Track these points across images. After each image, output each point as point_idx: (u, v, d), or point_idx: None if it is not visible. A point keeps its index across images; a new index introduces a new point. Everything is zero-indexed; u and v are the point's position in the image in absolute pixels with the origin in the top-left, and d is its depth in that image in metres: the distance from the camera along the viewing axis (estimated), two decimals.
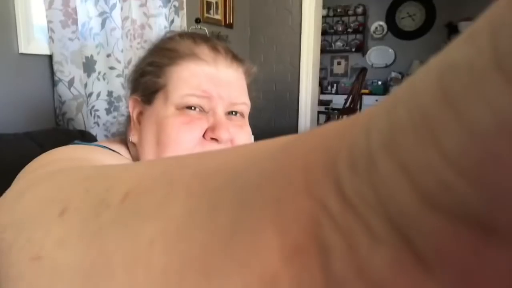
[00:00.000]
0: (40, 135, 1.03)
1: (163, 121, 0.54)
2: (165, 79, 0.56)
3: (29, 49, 1.34)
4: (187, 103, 0.55)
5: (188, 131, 0.54)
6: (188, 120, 0.54)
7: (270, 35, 3.05)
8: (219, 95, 0.56)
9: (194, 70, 0.55)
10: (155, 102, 0.57)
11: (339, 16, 6.07)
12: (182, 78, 0.55)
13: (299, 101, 3.04)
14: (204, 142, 0.55)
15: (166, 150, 0.54)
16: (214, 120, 0.56)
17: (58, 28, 1.35)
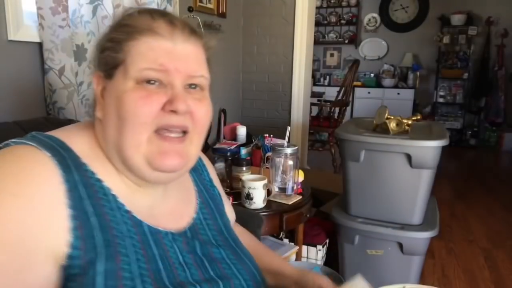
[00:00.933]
0: (30, 124, 1.02)
1: (122, 95, 0.56)
2: (124, 54, 0.57)
3: (18, 36, 1.32)
4: (145, 77, 0.56)
5: (146, 105, 0.56)
6: (146, 95, 0.56)
7: (263, 26, 3.03)
8: (176, 68, 0.57)
9: (152, 44, 0.57)
10: (116, 77, 0.58)
11: (332, 7, 6.05)
12: (140, 53, 0.57)
13: (292, 93, 3.03)
14: (164, 114, 0.57)
15: (126, 124, 0.56)
16: (172, 93, 0.57)
17: (48, 15, 1.33)
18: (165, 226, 0.63)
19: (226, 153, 1.67)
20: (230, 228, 0.77)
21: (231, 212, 0.87)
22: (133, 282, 0.53)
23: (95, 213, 0.55)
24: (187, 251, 0.64)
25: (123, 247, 0.55)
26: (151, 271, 0.56)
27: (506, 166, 4.75)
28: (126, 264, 0.54)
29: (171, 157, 0.59)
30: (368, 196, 1.70)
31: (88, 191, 0.56)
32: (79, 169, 0.57)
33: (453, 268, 2.20)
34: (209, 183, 0.81)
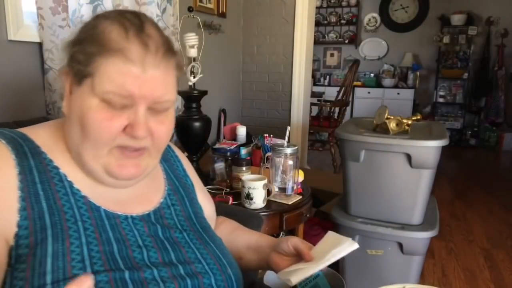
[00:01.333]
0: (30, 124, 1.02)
1: (87, 112, 0.58)
2: (92, 69, 0.58)
3: (18, 36, 1.32)
4: (110, 100, 0.57)
5: (107, 128, 0.58)
6: (109, 117, 0.58)
7: (263, 26, 3.04)
8: (142, 95, 0.58)
9: (120, 68, 0.57)
10: (83, 86, 0.60)
11: (332, 7, 6.05)
12: (108, 74, 0.57)
13: (292, 93, 3.03)
14: (123, 135, 0.60)
15: (87, 139, 0.60)
16: (134, 118, 0.59)
17: (48, 15, 1.33)
18: (127, 210, 0.67)
19: (226, 153, 1.67)
20: (200, 216, 0.79)
21: (208, 202, 0.89)
22: (82, 263, 0.56)
23: (47, 197, 0.59)
24: (148, 234, 0.67)
25: (74, 231, 0.58)
26: (103, 253, 0.59)
27: (506, 166, 4.74)
28: (76, 246, 0.57)
29: (128, 168, 0.63)
30: (368, 196, 1.70)
31: (43, 176, 0.60)
32: (36, 157, 0.61)
33: (453, 268, 2.20)
34: (182, 173, 0.84)
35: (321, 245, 0.75)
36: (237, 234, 0.89)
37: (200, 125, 1.61)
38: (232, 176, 1.56)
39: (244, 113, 3.23)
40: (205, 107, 1.70)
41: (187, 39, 1.57)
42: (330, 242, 0.75)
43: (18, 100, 1.34)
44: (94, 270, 0.57)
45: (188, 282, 0.65)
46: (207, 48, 1.98)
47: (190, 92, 1.61)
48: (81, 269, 0.56)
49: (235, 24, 2.99)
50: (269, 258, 0.79)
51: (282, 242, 0.77)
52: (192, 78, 1.58)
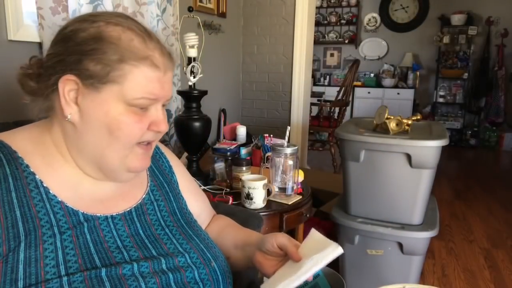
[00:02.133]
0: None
1: (118, 117, 0.62)
2: (119, 76, 0.60)
3: (18, 36, 1.32)
4: (140, 104, 0.63)
5: (139, 129, 0.64)
6: (139, 119, 0.63)
7: (263, 26, 3.04)
8: (163, 96, 0.65)
9: (150, 76, 0.62)
10: (105, 91, 0.61)
11: (332, 7, 6.05)
12: (138, 82, 0.61)
13: (292, 93, 3.03)
14: (147, 132, 0.66)
15: (117, 141, 0.63)
16: (156, 116, 0.66)
17: (48, 14, 1.33)
18: (108, 210, 0.68)
19: (226, 153, 1.67)
20: (185, 211, 0.80)
21: (195, 199, 0.88)
22: (56, 268, 0.57)
23: (21, 205, 0.59)
24: (128, 235, 0.68)
25: (48, 236, 0.59)
26: (80, 256, 0.60)
27: (506, 166, 4.74)
28: (50, 251, 0.58)
29: (145, 160, 0.69)
30: (368, 196, 1.70)
31: (18, 183, 0.61)
32: (12, 163, 0.61)
33: (453, 268, 2.20)
34: (167, 169, 0.85)
35: (305, 245, 0.72)
36: (226, 232, 0.88)
37: (200, 125, 1.61)
38: (232, 176, 1.56)
39: (244, 113, 3.23)
40: (205, 107, 1.70)
41: (187, 39, 1.57)
42: (314, 244, 0.71)
43: (18, 101, 1.34)
44: (68, 272, 0.57)
45: (170, 276, 0.65)
46: (207, 48, 1.98)
47: (190, 92, 1.61)
48: (55, 274, 0.56)
49: (235, 24, 2.99)
50: (253, 258, 0.76)
51: (266, 241, 0.74)
52: (192, 78, 1.58)
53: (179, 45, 1.86)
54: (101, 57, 0.60)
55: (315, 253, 0.67)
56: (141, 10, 1.67)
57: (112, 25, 0.62)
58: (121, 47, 0.60)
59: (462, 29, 5.26)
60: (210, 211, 0.95)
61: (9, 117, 1.19)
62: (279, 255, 0.73)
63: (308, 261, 0.67)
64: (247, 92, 3.19)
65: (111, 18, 0.63)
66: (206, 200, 0.94)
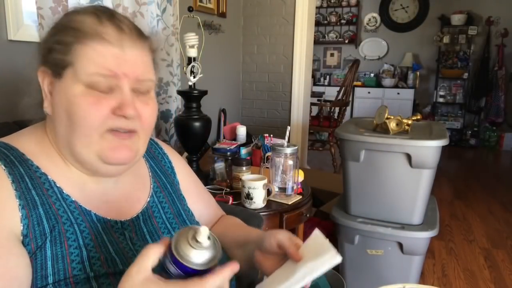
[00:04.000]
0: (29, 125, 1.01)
1: (72, 99, 0.59)
2: (72, 57, 0.60)
3: (18, 36, 1.32)
4: (94, 81, 0.59)
5: (95, 111, 0.59)
6: (95, 100, 0.59)
7: (263, 26, 3.03)
8: (124, 73, 0.60)
9: (100, 50, 0.59)
10: (64, 77, 0.60)
11: (332, 7, 6.05)
12: (89, 57, 0.59)
13: (292, 92, 3.03)
14: (113, 117, 0.60)
15: (76, 127, 0.60)
16: (121, 98, 0.60)
17: (48, 14, 1.33)
18: (116, 214, 0.67)
19: (226, 153, 1.67)
20: (188, 213, 0.80)
21: (202, 198, 0.88)
22: (82, 265, 0.57)
23: (42, 203, 0.59)
24: (136, 240, 0.67)
25: (71, 233, 0.59)
26: (102, 253, 0.60)
27: (506, 166, 4.74)
28: (75, 248, 0.58)
29: (121, 151, 0.63)
30: (368, 196, 1.70)
31: (34, 182, 0.60)
32: (23, 164, 0.61)
33: (453, 268, 2.20)
34: (170, 169, 0.84)
35: (306, 247, 0.67)
36: (229, 231, 0.85)
37: (200, 125, 1.61)
38: (232, 176, 1.56)
39: (244, 113, 3.23)
40: (205, 107, 1.70)
41: (187, 39, 1.57)
42: (315, 247, 0.66)
43: (18, 100, 1.34)
44: (93, 270, 0.58)
45: None
46: (207, 48, 1.98)
47: (190, 92, 1.61)
48: (81, 270, 0.57)
49: (235, 24, 2.99)
50: (253, 257, 0.72)
51: (265, 239, 0.69)
52: (192, 78, 1.58)
53: (179, 45, 1.86)
54: (61, 40, 0.61)
55: (313, 259, 0.63)
56: (141, 10, 1.67)
57: (76, 13, 0.63)
58: (74, 29, 0.60)
59: (462, 29, 5.26)
60: (214, 212, 0.92)
61: (9, 117, 1.19)
62: (279, 254, 0.69)
63: (303, 268, 0.63)
64: (247, 92, 3.19)
65: (82, 7, 0.64)
66: (210, 202, 0.92)
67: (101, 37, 0.59)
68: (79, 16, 0.62)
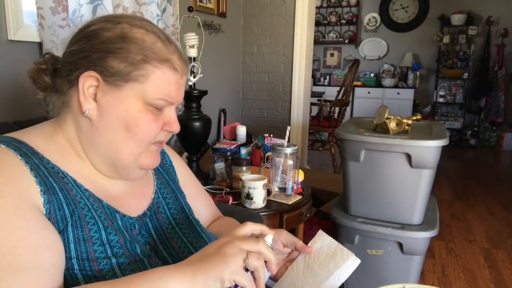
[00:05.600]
0: (30, 124, 1.02)
1: (136, 114, 0.64)
2: (142, 76, 0.62)
3: (18, 36, 1.32)
4: (157, 104, 0.65)
5: (155, 127, 0.66)
6: (155, 118, 0.65)
7: (263, 26, 3.03)
8: (178, 99, 0.68)
9: (169, 78, 0.65)
10: (126, 89, 0.63)
11: (332, 7, 6.05)
12: (159, 82, 0.64)
13: (292, 92, 3.03)
14: (161, 132, 0.68)
15: (134, 138, 0.65)
16: (169, 117, 0.68)
17: (48, 14, 1.33)
18: (125, 210, 0.69)
19: (226, 153, 1.67)
20: (189, 209, 0.82)
21: (200, 197, 0.90)
22: (103, 247, 0.60)
23: (60, 189, 0.61)
24: (141, 236, 0.70)
25: (90, 217, 0.62)
26: (121, 237, 0.63)
27: (506, 166, 4.74)
28: (95, 232, 0.61)
29: (157, 158, 0.71)
30: (368, 196, 1.70)
31: (49, 171, 0.62)
32: (35, 156, 0.62)
33: (453, 268, 2.20)
34: (171, 168, 0.87)
35: (315, 247, 0.69)
36: (224, 230, 0.87)
37: (200, 125, 1.61)
38: (232, 176, 1.56)
39: (244, 113, 3.23)
40: (205, 107, 1.70)
41: (187, 39, 1.57)
42: (326, 249, 0.68)
43: (18, 100, 1.34)
44: (114, 253, 0.60)
45: None
46: (207, 48, 1.98)
47: (190, 92, 1.61)
48: (102, 253, 0.60)
49: (235, 24, 2.99)
50: None
51: None
52: (192, 78, 1.58)
53: (179, 45, 1.86)
54: (126, 56, 0.62)
55: (330, 262, 0.66)
56: (141, 10, 1.67)
57: (136, 27, 0.64)
58: (145, 48, 0.63)
59: (462, 29, 5.26)
60: (212, 212, 0.94)
61: (9, 117, 1.19)
62: (282, 253, 0.73)
63: (324, 271, 0.65)
64: (247, 92, 3.19)
65: (134, 20, 0.66)
66: (208, 201, 0.94)
67: (171, 64, 0.64)
68: (142, 33, 0.64)
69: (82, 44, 0.64)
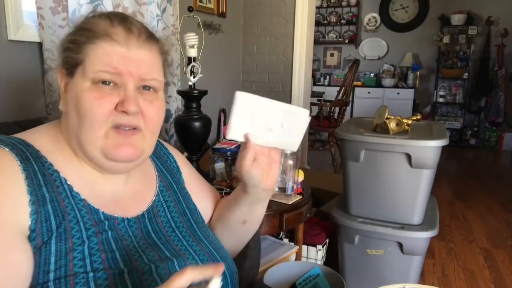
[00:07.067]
0: (30, 125, 1.02)
1: (80, 94, 0.63)
2: (83, 55, 0.64)
3: (18, 36, 1.32)
4: (100, 78, 0.62)
5: (99, 105, 0.62)
6: (100, 95, 0.62)
7: (263, 26, 3.03)
8: (129, 72, 0.63)
9: (107, 49, 0.63)
10: (75, 75, 0.64)
11: (332, 7, 6.05)
12: (97, 56, 0.63)
13: (292, 92, 3.03)
14: (116, 114, 0.63)
15: (83, 121, 0.63)
16: (124, 94, 0.63)
17: (48, 14, 1.33)
18: (124, 211, 0.69)
19: (226, 153, 1.67)
20: (194, 211, 0.81)
21: (202, 197, 0.89)
22: (83, 261, 0.59)
23: (51, 199, 0.61)
24: (141, 237, 0.69)
25: (76, 231, 0.61)
26: (103, 251, 0.62)
27: (506, 166, 4.74)
28: (78, 245, 0.60)
29: (125, 148, 0.65)
30: (368, 196, 1.70)
31: (46, 179, 0.62)
32: (38, 161, 0.63)
33: (453, 268, 2.20)
34: (175, 169, 0.86)
35: None
36: (223, 210, 0.88)
37: (200, 125, 1.61)
38: (232, 176, 1.56)
39: None
40: (205, 107, 1.70)
41: (187, 39, 1.57)
42: None
43: (18, 100, 1.34)
44: (94, 268, 0.59)
45: None
46: (207, 48, 1.98)
47: (190, 92, 1.61)
48: (82, 267, 0.59)
49: (235, 24, 2.99)
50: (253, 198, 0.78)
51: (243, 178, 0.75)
52: (192, 78, 1.58)
53: (179, 45, 1.86)
54: (74, 40, 0.65)
55: None
56: (141, 10, 1.67)
57: (92, 17, 0.67)
58: (87, 29, 0.64)
59: (462, 29, 5.26)
60: (216, 202, 0.93)
61: (9, 117, 1.19)
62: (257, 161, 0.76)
63: None
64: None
65: (100, 12, 0.69)
66: (213, 195, 0.93)
67: (110, 37, 0.63)
68: (94, 18, 0.66)
69: None
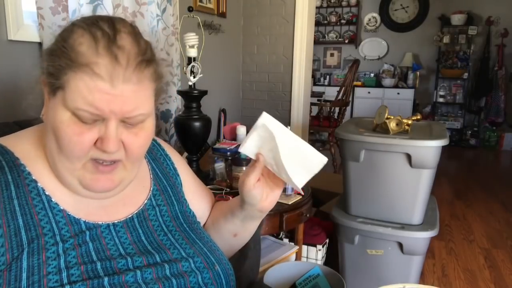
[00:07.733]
0: (30, 125, 1.01)
1: (59, 125, 0.58)
2: (63, 82, 0.57)
3: (18, 36, 1.32)
4: (80, 116, 0.57)
5: (78, 143, 0.58)
6: (79, 132, 0.57)
7: (263, 26, 3.03)
8: (111, 111, 0.57)
9: (89, 83, 0.55)
10: (56, 97, 0.59)
11: (332, 7, 6.05)
12: (77, 89, 0.56)
13: (292, 92, 3.03)
14: (96, 149, 0.59)
15: (61, 151, 0.60)
16: (104, 132, 0.58)
17: (48, 14, 1.33)
18: (110, 217, 0.67)
19: (226, 153, 1.67)
20: (188, 214, 0.79)
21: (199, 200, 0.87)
22: (59, 275, 0.57)
23: (23, 213, 0.59)
24: (130, 242, 0.67)
25: (51, 244, 0.58)
26: (82, 264, 0.59)
27: (506, 166, 4.74)
28: (53, 259, 0.57)
29: (102, 182, 0.62)
30: (368, 196, 1.70)
31: (20, 191, 0.60)
32: (14, 170, 0.60)
33: (453, 268, 2.20)
34: (172, 171, 0.83)
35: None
36: (217, 217, 0.86)
37: (200, 125, 1.61)
38: (232, 176, 1.56)
39: (244, 113, 3.23)
40: (205, 107, 1.70)
41: (187, 39, 1.57)
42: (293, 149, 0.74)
43: (18, 100, 1.34)
44: (70, 281, 0.57)
45: (174, 282, 0.65)
46: (207, 48, 1.98)
47: (190, 92, 1.61)
48: (57, 282, 0.56)
49: (235, 24, 2.99)
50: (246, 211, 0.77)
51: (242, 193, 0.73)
52: (192, 78, 1.58)
53: (179, 45, 1.86)
54: (55, 63, 0.58)
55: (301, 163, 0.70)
56: (141, 10, 1.67)
57: (77, 28, 0.59)
58: (69, 53, 0.56)
59: (462, 29, 5.26)
60: (212, 205, 0.92)
61: (9, 117, 1.19)
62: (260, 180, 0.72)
63: None
64: (247, 92, 3.19)
65: (87, 20, 0.60)
66: (211, 198, 0.92)
67: (91, 69, 0.55)
68: (78, 35, 0.58)
69: None
